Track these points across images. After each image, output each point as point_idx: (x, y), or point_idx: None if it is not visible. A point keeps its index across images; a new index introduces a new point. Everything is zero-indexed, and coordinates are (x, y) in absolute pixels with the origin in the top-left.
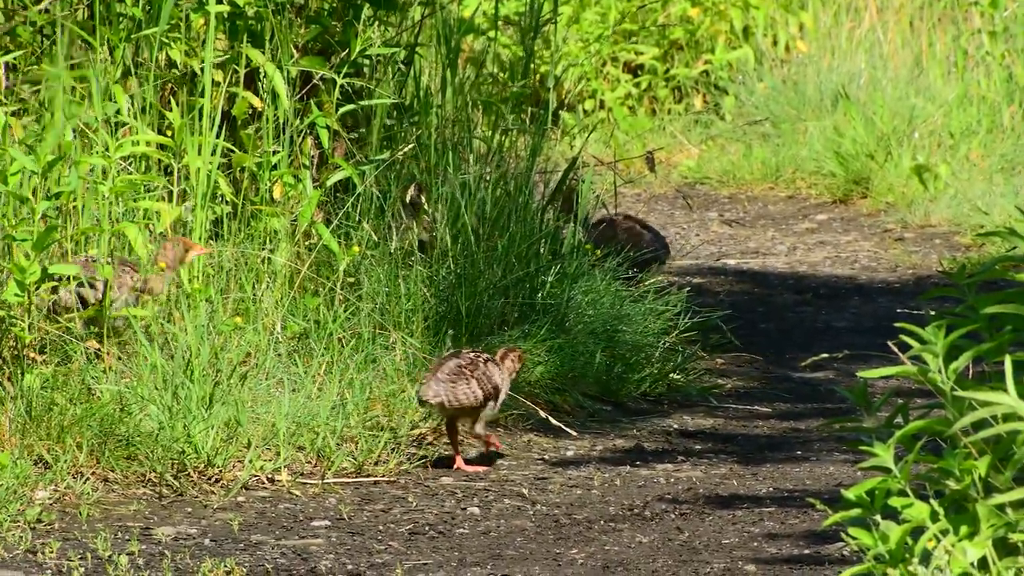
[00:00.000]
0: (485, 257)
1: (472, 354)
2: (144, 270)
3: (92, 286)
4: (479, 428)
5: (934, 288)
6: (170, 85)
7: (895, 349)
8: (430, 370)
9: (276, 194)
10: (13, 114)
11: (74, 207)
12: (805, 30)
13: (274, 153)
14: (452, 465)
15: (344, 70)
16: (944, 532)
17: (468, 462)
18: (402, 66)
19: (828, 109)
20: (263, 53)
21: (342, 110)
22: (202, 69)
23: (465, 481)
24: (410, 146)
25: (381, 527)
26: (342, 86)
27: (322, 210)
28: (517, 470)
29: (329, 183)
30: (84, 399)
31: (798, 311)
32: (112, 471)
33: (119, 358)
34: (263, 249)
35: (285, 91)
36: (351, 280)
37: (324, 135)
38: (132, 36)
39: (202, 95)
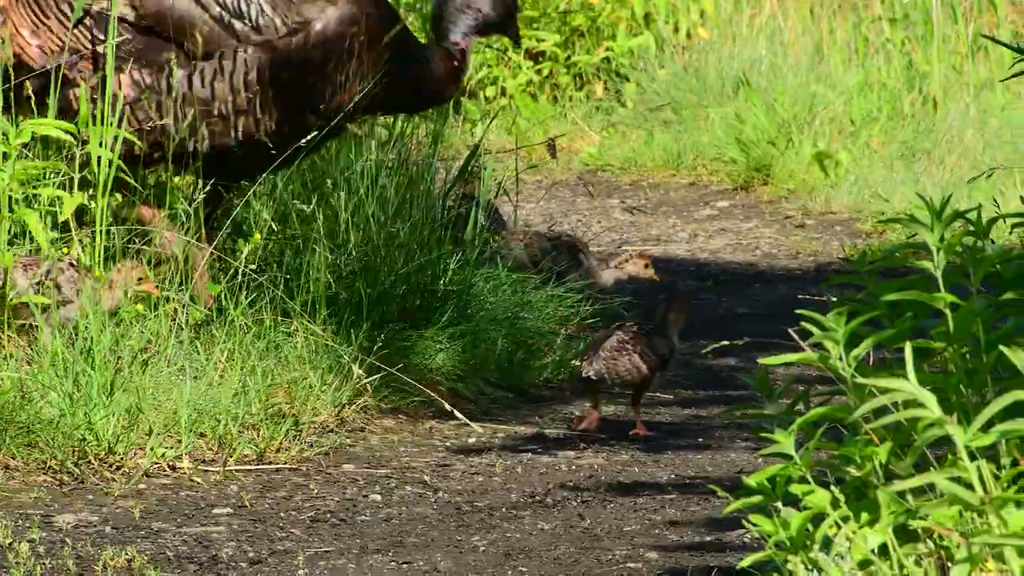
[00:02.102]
0: (387, 244)
1: (634, 327)
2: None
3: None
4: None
5: (835, 275)
6: None
7: (796, 336)
8: (591, 346)
9: (176, 179)
10: None
11: None
12: (706, 17)
13: None
14: (631, 432)
15: None
16: (845, 519)
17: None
18: None
19: (730, 96)
20: None
21: None
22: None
23: (367, 468)
24: (312, 134)
25: (283, 514)
26: None
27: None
28: (419, 457)
29: None
30: None
31: (700, 298)
32: (12, 458)
33: (20, 346)
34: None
35: None
36: (253, 268)
37: None
38: None
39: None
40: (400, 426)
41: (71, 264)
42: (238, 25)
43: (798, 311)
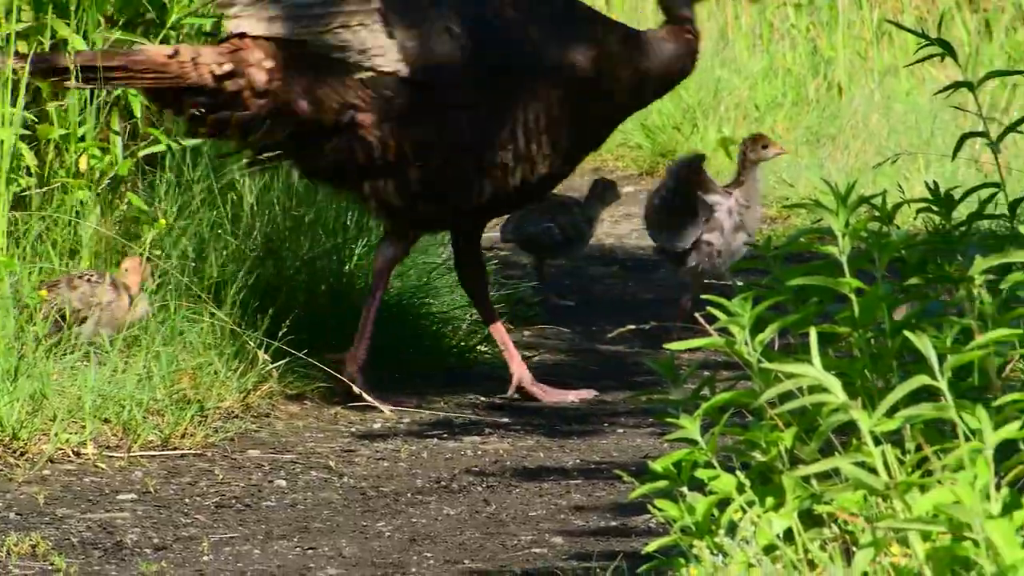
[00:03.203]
0: (293, 229)
1: None
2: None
3: None
4: None
5: (740, 260)
6: None
7: (702, 321)
8: None
9: (82, 166)
10: None
11: None
12: (612, 3)
13: (80, 124)
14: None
15: (156, 41)
16: (750, 504)
17: None
18: (209, 37)
19: None
20: (68, 24)
21: None
22: (6, 39)
23: (272, 454)
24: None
25: (187, 500)
26: None
27: (129, 184)
28: (324, 443)
29: (141, 154)
30: None
31: (605, 283)
32: None
33: None
34: (70, 221)
35: None
36: (158, 253)
37: (136, 103)
38: None
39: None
40: (305, 412)
41: (79, 276)
42: (512, 80)
43: (704, 296)
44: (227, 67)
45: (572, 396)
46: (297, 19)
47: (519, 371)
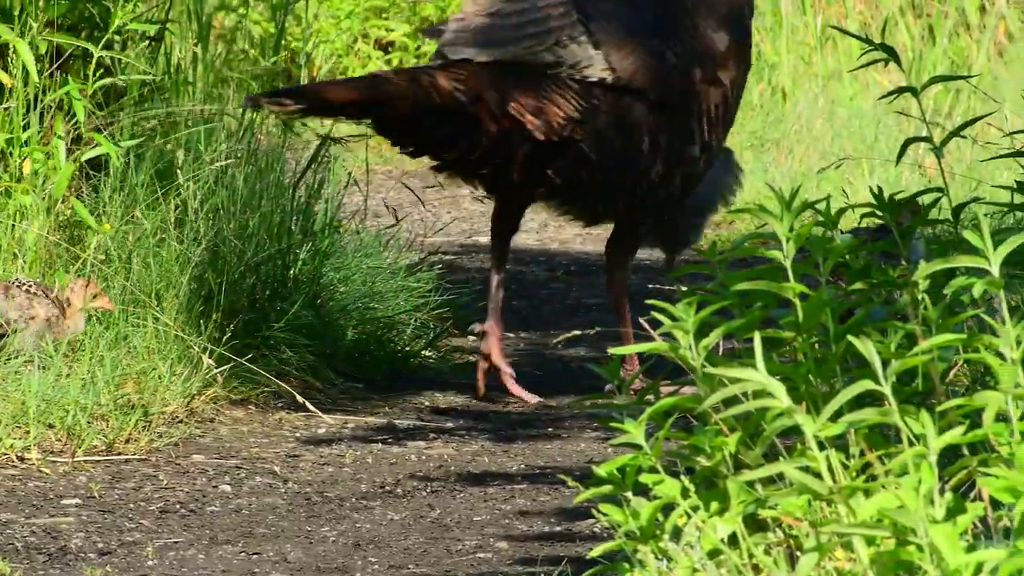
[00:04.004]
0: (237, 234)
1: None
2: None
3: None
4: None
5: (685, 265)
6: None
7: (646, 326)
8: None
9: (26, 170)
10: None
11: None
12: None
13: (24, 128)
14: None
15: (99, 46)
16: (695, 508)
17: None
18: (153, 42)
19: None
20: (12, 29)
21: (98, 83)
22: None
23: (216, 459)
24: (158, 113)
25: (132, 505)
26: (95, 63)
27: (72, 188)
28: (269, 448)
29: (84, 158)
30: None
31: (550, 288)
32: None
33: None
34: (13, 226)
35: (35, 66)
36: (102, 258)
37: (79, 107)
38: None
39: None
40: (250, 417)
41: (18, 285)
42: (698, 73)
43: (648, 301)
44: (465, 91)
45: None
46: (516, 41)
47: None
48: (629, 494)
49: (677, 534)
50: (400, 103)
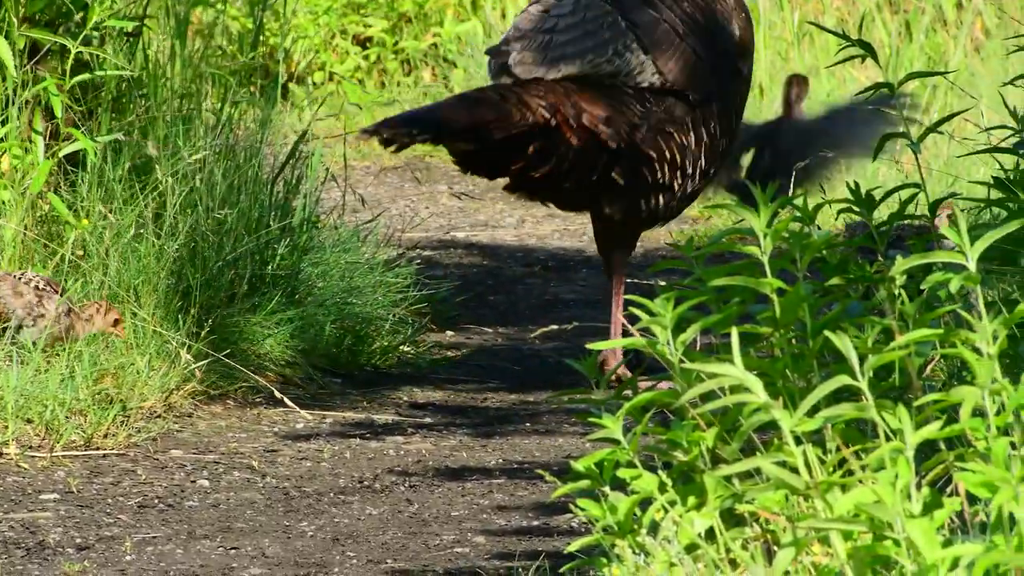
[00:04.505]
0: (215, 230)
1: None
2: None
3: None
4: None
5: (662, 261)
6: None
7: (624, 321)
8: None
9: (4, 166)
10: None
11: None
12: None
13: (3, 124)
14: None
15: (77, 42)
16: (672, 503)
17: None
18: (131, 38)
19: None
20: None
21: (76, 79)
22: None
23: (195, 454)
24: (135, 114)
25: (110, 500)
26: (73, 59)
27: (50, 183)
28: (247, 443)
29: (63, 153)
30: None
31: (527, 283)
32: None
33: None
34: None
35: (12, 61)
36: (80, 253)
37: (56, 103)
38: None
39: None
40: (228, 412)
41: (26, 282)
42: (726, 70)
43: (626, 296)
44: (547, 107)
45: None
46: (581, 55)
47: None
48: (607, 489)
49: (654, 528)
50: (501, 125)
